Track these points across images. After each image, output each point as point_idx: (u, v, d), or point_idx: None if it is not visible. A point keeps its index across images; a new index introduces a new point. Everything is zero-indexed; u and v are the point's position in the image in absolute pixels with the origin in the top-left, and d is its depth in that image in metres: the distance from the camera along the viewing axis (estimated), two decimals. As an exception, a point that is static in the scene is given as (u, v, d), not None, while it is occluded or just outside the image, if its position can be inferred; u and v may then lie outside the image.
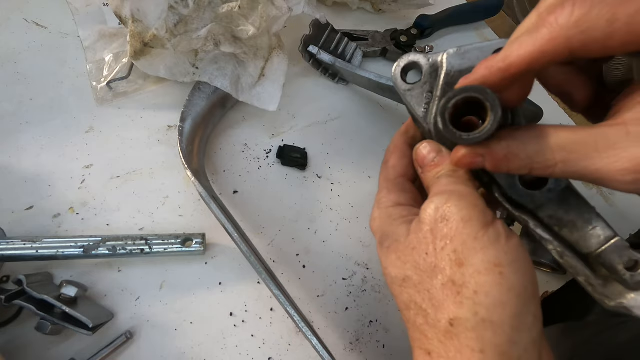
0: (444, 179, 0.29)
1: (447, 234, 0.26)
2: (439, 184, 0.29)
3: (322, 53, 0.56)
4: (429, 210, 0.27)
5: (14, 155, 0.47)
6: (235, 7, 0.45)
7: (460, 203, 0.26)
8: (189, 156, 0.45)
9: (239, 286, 0.44)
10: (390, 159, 0.34)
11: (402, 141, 0.35)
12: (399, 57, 0.32)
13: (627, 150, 0.20)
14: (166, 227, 0.46)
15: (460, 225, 0.26)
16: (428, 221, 0.27)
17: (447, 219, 0.26)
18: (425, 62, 0.31)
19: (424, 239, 0.27)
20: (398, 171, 0.33)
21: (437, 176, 0.30)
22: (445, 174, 0.29)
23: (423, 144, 0.31)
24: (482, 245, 0.25)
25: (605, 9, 0.19)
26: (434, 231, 0.27)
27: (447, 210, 0.26)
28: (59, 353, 0.39)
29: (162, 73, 0.48)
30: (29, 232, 0.43)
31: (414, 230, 0.28)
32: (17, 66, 0.52)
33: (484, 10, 0.69)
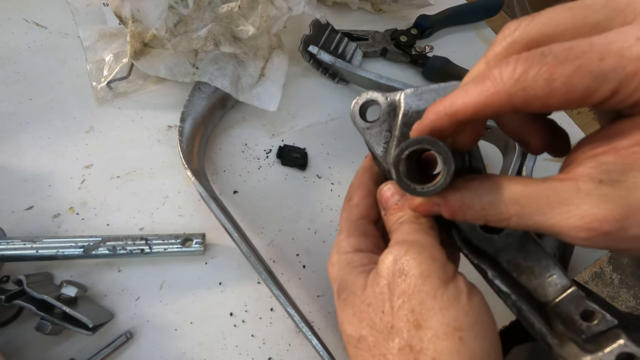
0: (406, 226, 0.28)
1: (405, 290, 0.25)
2: (400, 230, 0.28)
3: (322, 53, 0.56)
4: (386, 261, 0.26)
5: (14, 155, 0.47)
6: (235, 7, 0.45)
7: (420, 256, 0.25)
8: (189, 156, 0.45)
9: (239, 286, 0.44)
10: (353, 196, 0.32)
11: (367, 177, 0.33)
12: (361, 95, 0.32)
13: (579, 207, 0.20)
14: (166, 227, 0.46)
15: (419, 281, 0.24)
16: (385, 274, 0.26)
17: (405, 274, 0.25)
18: (384, 100, 0.31)
19: (381, 295, 0.25)
20: (361, 211, 0.31)
21: (400, 221, 0.29)
22: (408, 220, 0.28)
23: (387, 185, 0.31)
24: (440, 305, 0.24)
25: (544, 68, 0.19)
26: (391, 286, 0.25)
27: (406, 264, 0.25)
28: (59, 353, 0.39)
29: (162, 73, 0.48)
30: (29, 232, 0.43)
31: (370, 283, 0.27)
32: (17, 66, 0.52)
33: (484, 10, 0.69)
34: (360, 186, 0.33)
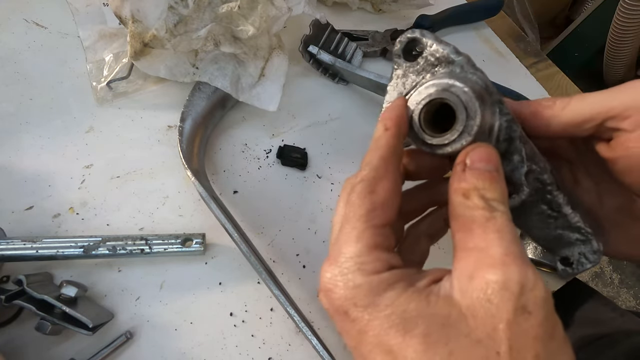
0: (502, 220, 0.22)
1: (527, 331, 0.19)
2: (496, 229, 0.21)
3: (322, 53, 0.56)
4: (506, 293, 0.20)
5: (14, 155, 0.47)
6: (235, 7, 0.45)
7: (546, 292, 0.20)
8: (189, 156, 0.45)
9: (239, 286, 0.44)
10: (378, 189, 0.23)
11: (395, 162, 0.25)
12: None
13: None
14: (166, 227, 0.46)
15: (544, 323, 0.20)
16: (505, 309, 0.20)
17: (530, 312, 0.20)
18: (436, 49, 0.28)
19: (494, 332, 0.19)
20: (388, 215, 0.24)
21: (493, 204, 0.22)
22: (503, 209, 0.22)
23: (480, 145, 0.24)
24: (558, 346, 0.20)
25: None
26: (511, 325, 0.19)
27: (532, 301, 0.20)
28: (59, 353, 0.39)
29: (162, 73, 0.48)
30: (29, 232, 0.43)
31: (470, 313, 0.20)
32: (17, 66, 0.52)
33: (484, 10, 0.69)
34: (387, 174, 0.24)
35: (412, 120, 0.26)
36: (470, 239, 0.22)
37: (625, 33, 1.09)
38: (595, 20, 1.21)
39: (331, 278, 0.23)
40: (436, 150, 0.25)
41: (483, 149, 0.24)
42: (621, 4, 1.03)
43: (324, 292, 0.23)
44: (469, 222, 0.22)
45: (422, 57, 0.28)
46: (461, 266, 0.22)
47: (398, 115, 0.26)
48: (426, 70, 0.28)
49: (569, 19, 1.44)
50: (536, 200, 0.29)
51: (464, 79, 0.25)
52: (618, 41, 1.12)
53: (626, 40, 1.10)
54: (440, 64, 0.27)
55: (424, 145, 0.26)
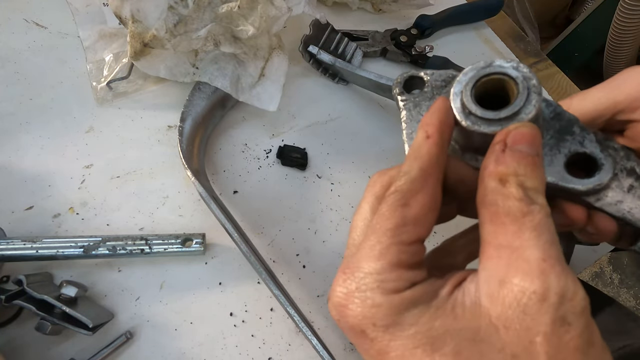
0: (541, 217, 0.19)
1: (567, 344, 0.18)
2: (535, 228, 0.19)
3: (322, 53, 0.56)
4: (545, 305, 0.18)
5: (14, 155, 0.47)
6: (235, 7, 0.45)
7: (586, 301, 0.19)
8: (189, 156, 0.45)
9: (239, 286, 0.44)
10: (412, 202, 0.21)
11: (437, 173, 0.22)
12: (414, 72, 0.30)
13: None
14: (166, 227, 0.46)
15: (584, 334, 0.18)
16: (543, 321, 0.18)
17: (570, 324, 0.18)
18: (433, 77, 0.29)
19: (531, 345, 0.18)
20: (419, 232, 0.21)
21: (534, 197, 0.20)
22: (542, 202, 0.20)
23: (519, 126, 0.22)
24: (598, 355, 0.19)
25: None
26: (549, 338, 0.18)
27: (571, 311, 0.18)
28: (59, 353, 0.39)
29: (162, 73, 0.48)
30: (29, 232, 0.43)
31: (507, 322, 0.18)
32: (17, 66, 0.52)
33: (484, 10, 0.69)
34: (425, 186, 0.21)
35: (464, 106, 0.24)
36: (503, 235, 0.20)
37: (625, 33, 1.09)
38: (595, 20, 1.21)
39: (347, 294, 0.21)
40: (505, 125, 0.23)
41: (527, 129, 0.21)
42: (621, 4, 1.03)
43: (336, 307, 0.21)
44: (503, 213, 0.20)
45: (427, 85, 0.28)
46: (491, 267, 0.20)
47: (441, 121, 0.23)
48: (437, 93, 0.28)
49: (569, 19, 1.44)
50: (620, 173, 0.27)
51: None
52: (618, 41, 1.12)
53: (626, 40, 1.10)
54: (448, 83, 0.28)
55: (489, 124, 0.23)
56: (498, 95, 0.24)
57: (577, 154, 0.26)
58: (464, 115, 0.24)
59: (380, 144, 0.55)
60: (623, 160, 0.27)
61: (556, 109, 0.27)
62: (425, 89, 0.28)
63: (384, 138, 0.55)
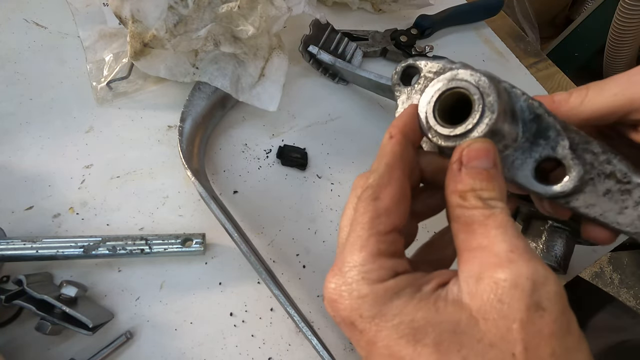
0: (502, 216, 0.21)
1: (541, 330, 0.19)
2: (498, 225, 0.21)
3: (322, 53, 0.56)
4: (517, 291, 0.19)
5: (14, 155, 0.47)
6: (235, 7, 0.45)
7: (559, 287, 0.20)
8: (189, 156, 0.45)
9: (239, 286, 0.44)
10: (382, 196, 0.23)
11: (400, 168, 0.24)
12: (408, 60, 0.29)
13: None
14: (166, 227, 0.46)
15: (559, 318, 0.19)
16: (517, 307, 0.19)
17: (544, 309, 0.19)
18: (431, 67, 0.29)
19: (508, 332, 0.19)
20: (393, 220, 0.23)
21: (491, 202, 0.21)
22: (501, 206, 0.22)
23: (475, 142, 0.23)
24: (576, 341, 0.19)
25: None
26: (525, 324, 0.19)
27: (545, 297, 0.19)
28: (59, 353, 0.39)
29: (162, 73, 0.48)
30: (29, 232, 0.43)
31: (481, 314, 0.19)
32: (17, 66, 0.52)
33: (484, 10, 0.69)
34: (391, 180, 0.23)
35: (427, 119, 0.25)
36: (473, 239, 0.21)
37: (625, 33, 1.09)
38: (595, 20, 1.21)
39: (335, 288, 0.22)
40: (460, 141, 0.24)
41: (479, 144, 0.23)
42: (621, 4, 1.03)
43: (329, 302, 0.22)
44: (469, 222, 0.22)
45: (421, 77, 0.28)
46: (467, 268, 0.21)
47: (404, 123, 0.26)
48: (428, 85, 0.28)
49: (569, 19, 1.44)
50: (596, 178, 0.27)
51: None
52: (618, 41, 1.12)
53: (626, 40, 1.10)
54: (439, 75, 0.27)
55: (445, 139, 0.25)
56: (468, 105, 0.24)
57: (549, 159, 0.26)
58: (426, 127, 0.26)
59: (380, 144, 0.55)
60: (602, 164, 0.27)
61: (536, 110, 0.26)
62: (420, 80, 0.28)
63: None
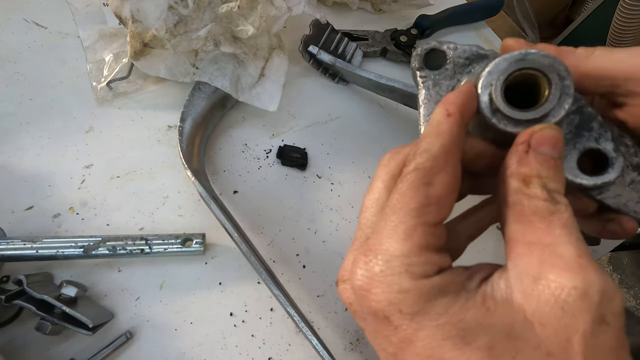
0: (568, 217, 0.19)
1: (605, 344, 0.18)
2: (564, 227, 0.19)
3: (322, 53, 0.56)
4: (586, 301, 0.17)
5: (14, 155, 0.47)
6: (235, 7, 0.45)
7: (623, 297, 0.19)
8: (189, 156, 0.45)
9: (239, 286, 0.44)
10: (435, 181, 0.20)
11: (457, 152, 0.22)
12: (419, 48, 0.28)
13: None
14: (166, 227, 0.46)
15: (620, 334, 0.18)
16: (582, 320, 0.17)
17: (608, 324, 0.18)
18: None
19: (568, 343, 0.17)
20: (443, 212, 0.21)
21: (557, 198, 0.20)
22: (566, 202, 0.20)
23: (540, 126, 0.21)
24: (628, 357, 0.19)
25: None
26: (587, 337, 0.17)
27: (610, 312, 0.18)
28: (59, 353, 0.39)
29: (162, 73, 0.48)
30: (29, 232, 0.43)
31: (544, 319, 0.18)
32: (17, 66, 0.52)
33: (484, 10, 0.69)
34: (447, 165, 0.21)
35: (493, 101, 0.23)
36: (532, 232, 0.19)
37: (625, 33, 1.09)
38: (595, 20, 1.21)
39: (370, 277, 0.20)
40: (528, 127, 0.23)
41: (551, 131, 0.21)
42: (621, 4, 1.03)
43: (358, 291, 0.20)
44: (529, 212, 0.20)
45: (449, 62, 0.27)
46: (522, 264, 0.19)
47: (464, 102, 0.22)
48: (458, 72, 0.27)
49: (569, 19, 1.44)
50: (625, 169, 0.27)
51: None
52: (618, 41, 1.12)
53: (626, 40, 1.10)
54: (472, 62, 0.26)
55: (514, 124, 0.23)
56: (525, 85, 0.23)
57: (591, 150, 0.26)
58: (490, 111, 0.23)
59: (380, 144, 0.55)
60: (632, 157, 0.27)
61: (579, 102, 0.26)
62: (447, 65, 0.27)
63: (384, 138, 0.55)
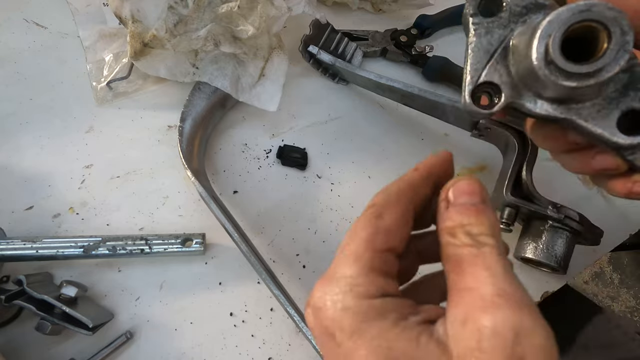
0: (492, 255, 0.20)
1: None
2: (484, 269, 0.20)
3: (322, 53, 0.56)
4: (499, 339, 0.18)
5: (14, 155, 0.47)
6: (235, 7, 0.45)
7: (544, 332, 0.18)
8: (189, 156, 0.45)
9: (239, 286, 0.44)
10: (385, 214, 0.23)
11: (409, 196, 0.24)
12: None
13: None
14: (166, 227, 0.46)
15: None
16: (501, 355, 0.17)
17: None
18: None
19: None
20: (390, 240, 0.23)
21: (480, 239, 0.21)
22: (492, 242, 0.21)
23: (463, 180, 0.23)
24: None
25: None
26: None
27: (529, 350, 0.18)
28: (59, 353, 0.39)
29: (162, 73, 0.48)
30: (29, 232, 0.43)
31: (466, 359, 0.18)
32: (17, 66, 0.52)
33: (484, 10, 0.69)
34: (398, 203, 0.24)
35: (548, 53, 0.23)
36: (462, 280, 0.20)
37: (625, 33, 1.09)
38: (595, 20, 1.21)
39: (321, 297, 0.22)
40: (584, 82, 0.23)
41: (464, 182, 0.23)
42: (621, 4, 1.03)
43: (313, 309, 0.22)
44: (459, 261, 0.21)
45: (505, 10, 0.26)
46: (454, 311, 0.20)
47: (432, 164, 0.25)
48: (513, 21, 0.26)
49: (569, 19, 1.44)
50: None
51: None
52: (618, 41, 1.12)
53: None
54: (529, 12, 0.25)
55: (567, 77, 0.23)
56: (580, 41, 0.23)
57: (632, 110, 0.26)
58: (544, 62, 0.23)
59: (380, 144, 0.55)
60: None
61: (632, 61, 0.25)
62: (502, 14, 0.26)
63: (384, 138, 0.55)
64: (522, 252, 0.44)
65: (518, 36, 0.26)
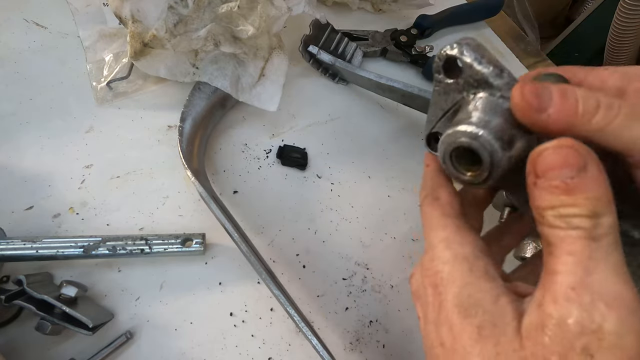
0: (581, 240, 0.18)
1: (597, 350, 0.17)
2: (568, 254, 0.19)
3: (322, 53, 0.56)
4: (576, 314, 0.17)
5: (14, 155, 0.47)
6: (235, 7, 0.45)
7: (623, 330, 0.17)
8: (189, 156, 0.45)
9: (239, 286, 0.44)
10: (441, 195, 0.27)
11: (444, 177, 0.28)
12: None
13: None
14: (166, 227, 0.46)
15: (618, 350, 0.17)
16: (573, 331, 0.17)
17: (601, 338, 0.17)
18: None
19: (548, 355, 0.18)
20: (457, 210, 0.26)
21: (570, 223, 0.19)
22: (588, 226, 0.18)
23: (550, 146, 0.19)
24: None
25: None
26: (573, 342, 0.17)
27: (596, 343, 0.17)
28: (59, 353, 0.39)
29: (162, 73, 0.48)
30: (29, 232, 0.43)
31: (530, 334, 0.19)
32: (17, 66, 0.52)
33: (484, 10, 0.69)
34: (442, 184, 0.28)
35: (444, 163, 0.27)
36: (550, 261, 0.19)
37: (625, 33, 1.08)
38: (595, 20, 1.21)
39: (429, 261, 0.25)
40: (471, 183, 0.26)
41: (551, 153, 0.19)
42: (621, 4, 1.03)
43: (422, 270, 0.25)
44: (549, 242, 0.20)
45: (462, 78, 0.27)
46: (537, 292, 0.20)
47: (435, 162, 0.29)
48: (466, 90, 0.27)
49: (569, 19, 1.43)
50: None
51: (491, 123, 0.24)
52: (618, 41, 1.12)
53: (626, 40, 1.10)
54: (479, 86, 0.27)
55: (464, 182, 0.27)
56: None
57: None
58: (442, 161, 0.27)
59: (380, 144, 0.55)
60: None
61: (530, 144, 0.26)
62: (459, 80, 0.27)
63: (384, 138, 0.56)
64: (522, 252, 0.44)
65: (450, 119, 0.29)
